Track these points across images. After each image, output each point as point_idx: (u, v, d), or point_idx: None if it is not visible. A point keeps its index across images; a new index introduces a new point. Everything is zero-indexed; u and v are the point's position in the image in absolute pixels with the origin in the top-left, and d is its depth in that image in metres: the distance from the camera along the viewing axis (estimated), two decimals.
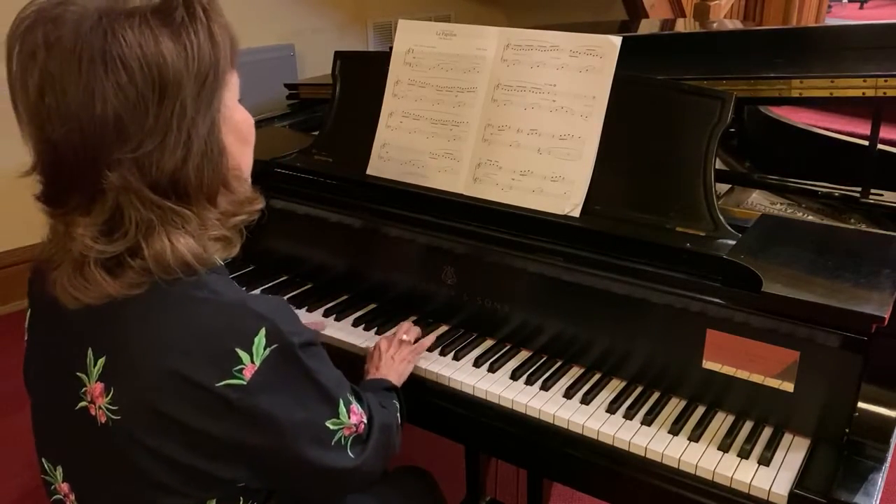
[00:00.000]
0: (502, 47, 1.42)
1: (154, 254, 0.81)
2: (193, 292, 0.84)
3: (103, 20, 0.79)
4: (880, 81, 1.38)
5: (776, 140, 1.97)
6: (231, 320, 0.84)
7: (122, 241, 0.81)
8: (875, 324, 1.02)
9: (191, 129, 0.82)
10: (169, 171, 0.82)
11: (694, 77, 1.46)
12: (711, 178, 1.24)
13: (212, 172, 0.86)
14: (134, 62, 0.78)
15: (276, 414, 0.85)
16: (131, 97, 0.79)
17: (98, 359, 0.85)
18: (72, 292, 0.83)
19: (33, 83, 0.80)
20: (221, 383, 0.82)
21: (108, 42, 0.78)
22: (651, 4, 3.45)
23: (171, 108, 0.81)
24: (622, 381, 1.27)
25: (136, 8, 0.80)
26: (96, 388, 0.85)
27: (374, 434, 1.00)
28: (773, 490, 1.04)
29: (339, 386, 0.95)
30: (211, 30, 0.84)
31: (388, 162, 1.50)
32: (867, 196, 1.47)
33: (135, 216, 0.81)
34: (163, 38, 0.80)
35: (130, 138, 0.80)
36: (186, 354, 0.82)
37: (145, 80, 0.79)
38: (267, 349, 0.83)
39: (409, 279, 1.47)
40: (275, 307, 0.87)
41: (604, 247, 1.25)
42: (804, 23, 4.05)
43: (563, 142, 1.34)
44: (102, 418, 0.85)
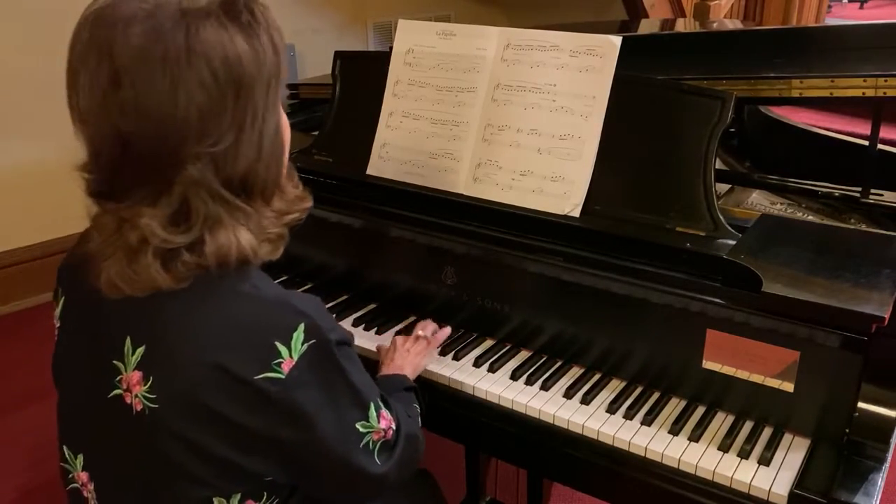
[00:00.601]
0: (502, 47, 1.42)
1: (217, 247, 0.83)
2: (236, 286, 0.85)
3: (184, 18, 0.80)
4: (880, 81, 1.38)
5: (776, 140, 1.97)
6: (271, 315, 0.85)
7: (188, 233, 0.83)
8: (875, 324, 1.02)
9: (262, 129, 0.85)
10: (242, 168, 0.85)
11: (694, 77, 1.46)
12: (711, 178, 1.24)
13: (276, 171, 0.89)
14: (216, 61, 0.80)
15: (310, 409, 0.86)
16: (213, 94, 0.81)
17: (137, 347, 0.86)
18: (118, 283, 0.84)
19: (104, 76, 0.79)
20: (260, 376, 0.83)
21: (190, 39, 0.79)
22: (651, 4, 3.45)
23: (245, 107, 0.83)
24: (622, 382, 1.27)
25: (207, 6, 0.82)
26: (133, 377, 0.86)
27: (400, 442, 0.99)
28: (773, 490, 1.04)
29: (370, 389, 0.95)
30: (270, 33, 0.87)
31: (388, 162, 1.50)
32: (867, 196, 1.47)
33: (203, 210, 0.83)
34: (237, 38, 0.82)
35: (210, 134, 0.81)
36: (227, 347, 0.83)
37: (226, 79, 0.81)
38: (305, 344, 0.85)
39: (409, 279, 1.47)
40: (314, 305, 0.89)
41: (604, 247, 1.25)
42: (804, 23, 4.05)
43: (564, 142, 1.34)
44: (138, 406, 0.86)
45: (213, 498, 0.87)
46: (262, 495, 0.90)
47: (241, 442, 0.85)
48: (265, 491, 0.90)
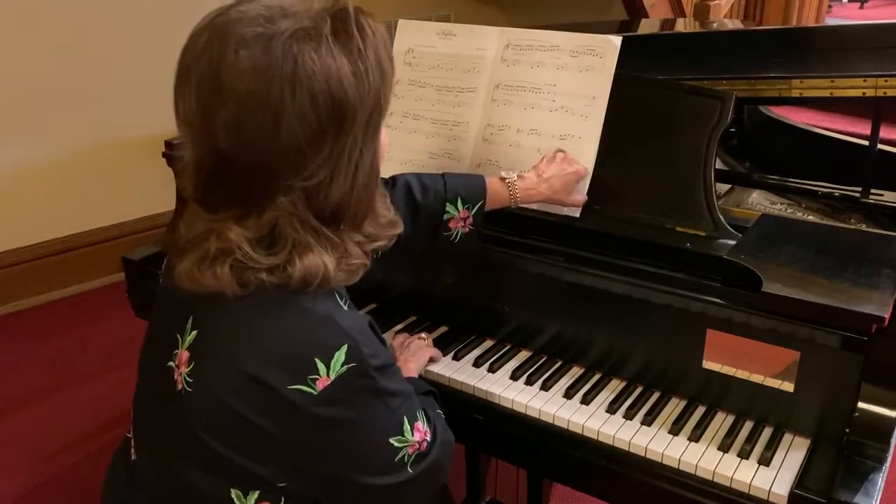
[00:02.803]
0: (502, 47, 1.42)
1: (305, 270, 0.83)
2: (292, 300, 0.85)
3: (295, 43, 0.79)
4: (880, 81, 1.38)
5: (776, 140, 1.97)
6: (317, 331, 0.85)
7: (276, 257, 0.84)
8: (875, 324, 1.02)
9: (359, 162, 0.85)
10: (335, 201, 0.85)
11: (694, 77, 1.46)
12: (711, 178, 1.24)
13: (368, 201, 0.89)
14: (320, 96, 0.80)
15: (339, 426, 0.87)
16: (314, 129, 0.81)
17: (193, 329, 0.88)
18: (186, 280, 0.85)
19: (211, 90, 0.80)
20: (293, 387, 0.83)
21: (298, 72, 0.79)
22: (651, 4, 3.45)
23: (345, 139, 0.83)
24: (622, 381, 1.27)
25: (317, 28, 0.81)
26: (183, 355, 0.88)
27: (434, 450, 0.99)
28: (774, 490, 1.04)
29: (405, 403, 0.94)
30: (378, 54, 0.85)
31: (388, 162, 1.50)
32: (867, 196, 1.47)
33: (292, 236, 0.84)
34: (343, 66, 0.81)
35: (306, 167, 0.82)
36: (268, 358, 0.83)
37: (328, 113, 0.81)
38: (344, 367, 0.84)
39: (409, 279, 1.47)
40: (360, 328, 0.88)
41: (604, 247, 1.25)
42: (804, 23, 4.05)
43: (563, 142, 1.34)
44: (179, 384, 0.88)
45: (230, 488, 0.88)
46: (279, 499, 0.90)
47: (258, 448, 0.86)
48: (282, 496, 0.90)
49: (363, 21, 0.85)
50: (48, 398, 2.41)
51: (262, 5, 0.82)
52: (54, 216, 3.04)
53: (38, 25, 2.85)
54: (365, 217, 0.91)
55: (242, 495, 0.88)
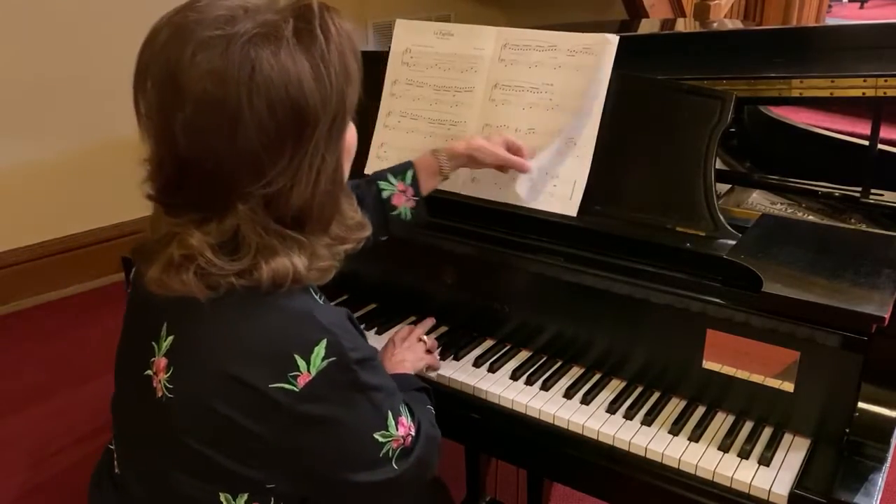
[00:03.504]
0: (500, 47, 1.42)
1: (273, 272, 0.82)
2: (267, 298, 0.84)
3: (251, 47, 0.77)
4: (880, 81, 1.38)
5: (776, 140, 1.97)
6: (294, 327, 0.84)
7: (240, 262, 0.82)
8: (875, 324, 1.02)
9: (320, 168, 0.84)
10: (296, 207, 0.83)
11: (694, 77, 1.46)
12: (711, 178, 1.24)
13: (332, 205, 0.88)
14: (278, 101, 0.78)
15: (322, 423, 0.86)
16: (271, 135, 0.79)
17: (169, 335, 0.87)
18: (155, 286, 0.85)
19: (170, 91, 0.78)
20: (274, 385, 0.82)
21: (255, 77, 0.77)
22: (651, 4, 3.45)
23: (307, 146, 0.81)
24: (622, 381, 1.27)
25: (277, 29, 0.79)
26: (161, 362, 0.87)
27: (419, 445, 0.98)
28: (774, 490, 1.04)
29: (389, 398, 0.94)
30: (343, 55, 0.84)
31: (387, 162, 1.50)
32: (867, 196, 1.46)
33: (255, 241, 0.82)
34: (304, 70, 0.79)
35: (265, 175, 0.80)
36: (246, 356, 0.83)
37: (287, 119, 0.79)
38: (325, 361, 0.84)
39: (409, 279, 1.47)
40: (339, 321, 0.88)
41: (604, 247, 1.25)
42: (804, 23, 4.05)
43: (561, 141, 1.34)
44: (159, 392, 0.87)
45: (219, 492, 0.88)
46: (268, 500, 0.90)
47: (244, 449, 0.85)
48: (272, 496, 0.90)
49: (328, 20, 0.83)
50: (48, 398, 2.40)
51: (224, 5, 0.80)
52: (54, 216, 3.03)
53: (39, 25, 2.85)
54: (331, 221, 0.89)
55: (231, 498, 0.88)
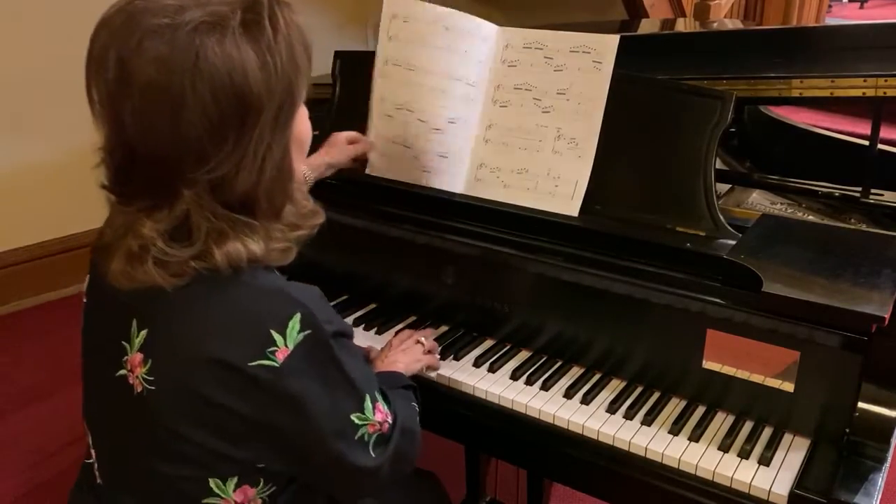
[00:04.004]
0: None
1: (226, 255, 0.83)
2: (236, 278, 0.85)
3: (197, 35, 0.79)
4: (880, 81, 1.38)
5: (776, 140, 1.97)
6: (268, 304, 0.85)
7: (192, 247, 0.83)
8: (875, 324, 1.02)
9: (266, 155, 0.84)
10: (241, 192, 0.84)
11: (694, 77, 1.46)
12: (711, 178, 1.24)
13: (281, 192, 0.88)
14: (222, 90, 0.79)
15: (303, 398, 0.86)
16: (215, 122, 0.80)
17: (141, 330, 0.88)
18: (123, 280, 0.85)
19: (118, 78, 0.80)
20: (254, 363, 0.83)
21: (200, 64, 0.78)
22: (651, 4, 3.44)
23: (250, 133, 0.82)
24: (622, 381, 1.27)
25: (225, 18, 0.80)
26: (136, 358, 0.88)
27: (395, 436, 0.99)
28: (774, 490, 1.04)
29: (367, 382, 0.95)
30: (292, 47, 0.85)
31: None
32: (867, 196, 1.46)
33: (205, 226, 0.83)
34: (250, 59, 0.81)
35: (208, 160, 0.81)
36: (223, 337, 0.83)
37: (230, 105, 0.80)
38: (301, 334, 0.85)
39: (409, 279, 1.46)
40: (311, 296, 0.89)
41: (604, 247, 1.25)
42: (804, 23, 4.05)
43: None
44: (139, 387, 0.87)
45: (208, 478, 0.88)
46: (257, 481, 0.91)
47: (232, 429, 0.86)
48: (261, 477, 0.91)
49: (278, 12, 0.84)
50: (48, 398, 2.40)
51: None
52: (54, 216, 3.03)
53: (39, 25, 2.85)
54: (281, 207, 0.90)
55: (221, 482, 0.88)
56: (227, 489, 0.89)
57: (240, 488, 0.90)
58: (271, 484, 0.92)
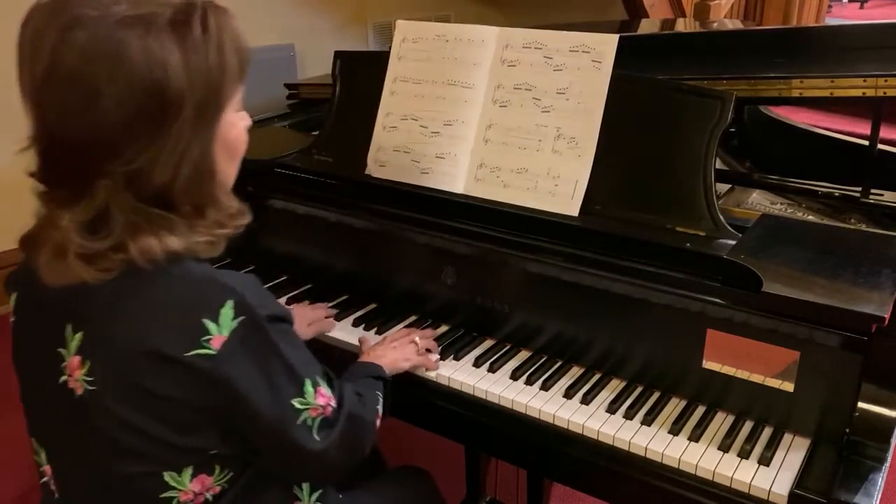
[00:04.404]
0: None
1: (140, 250, 0.84)
2: (166, 271, 0.86)
3: (123, 29, 0.79)
4: (880, 81, 1.38)
5: (776, 140, 1.97)
6: (199, 292, 0.86)
7: (107, 239, 0.84)
8: (875, 324, 1.02)
9: (184, 152, 0.85)
10: (156, 186, 0.85)
11: (694, 77, 1.46)
12: (711, 178, 1.24)
13: (199, 190, 0.88)
14: (140, 84, 0.80)
15: (242, 384, 0.87)
16: (131, 114, 0.81)
17: (76, 333, 0.88)
18: (50, 275, 0.86)
19: (43, 65, 0.81)
20: (191, 353, 0.84)
21: (120, 56, 0.79)
22: (651, 4, 3.45)
23: (167, 130, 0.83)
24: (622, 381, 1.27)
25: (154, 16, 0.81)
26: (74, 361, 0.88)
27: (341, 420, 0.98)
28: (774, 490, 1.04)
29: (306, 366, 0.95)
30: (222, 49, 0.86)
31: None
32: (867, 196, 1.47)
33: (122, 218, 0.84)
34: (173, 56, 0.81)
35: (124, 154, 0.82)
36: (157, 329, 0.84)
37: (148, 99, 0.81)
38: (235, 320, 0.85)
39: (409, 279, 1.47)
40: (243, 282, 0.89)
41: (604, 247, 1.25)
42: (804, 23, 4.05)
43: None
44: (80, 390, 0.88)
45: (162, 472, 0.89)
46: (212, 469, 0.91)
47: (178, 419, 0.87)
48: (216, 464, 0.91)
49: (210, 16, 0.85)
50: None
51: None
52: None
53: None
54: (202, 207, 0.90)
55: (177, 475, 0.89)
56: (184, 480, 0.89)
57: (196, 478, 0.90)
58: (227, 470, 0.93)
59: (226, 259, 1.67)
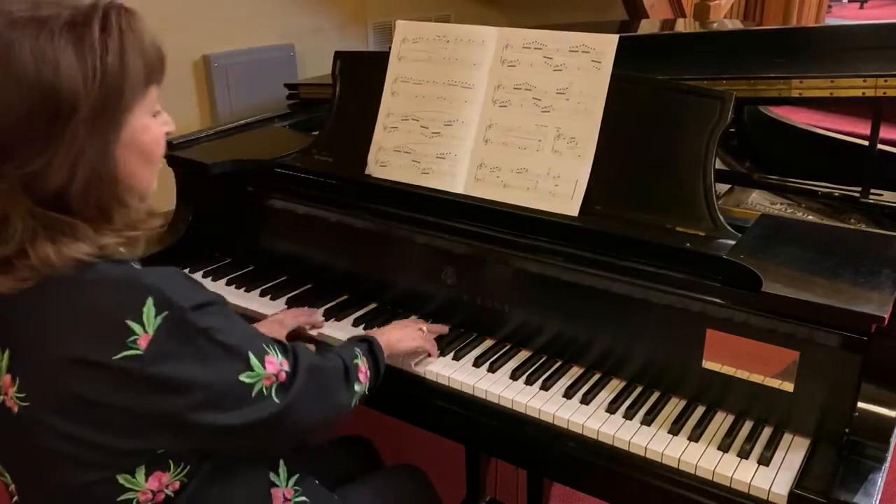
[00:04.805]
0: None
1: (38, 257, 0.82)
2: (82, 276, 0.84)
3: (13, 29, 0.79)
4: (880, 81, 1.38)
5: (776, 140, 1.97)
6: (117, 295, 0.84)
7: (9, 245, 0.82)
8: (875, 324, 1.02)
9: (79, 155, 0.82)
10: (52, 189, 0.82)
11: (694, 77, 1.46)
12: (711, 178, 1.24)
13: (99, 193, 0.86)
14: (29, 83, 0.79)
15: (180, 378, 0.85)
16: (22, 116, 0.79)
17: (3, 352, 0.87)
18: None
19: None
20: (119, 356, 0.82)
21: (9, 56, 0.78)
22: (651, 4, 3.44)
23: (61, 131, 0.81)
24: (622, 381, 1.27)
25: (49, 18, 0.80)
26: (6, 380, 0.87)
27: (299, 375, 0.97)
28: (773, 490, 1.04)
29: (247, 340, 0.93)
30: (123, 51, 0.84)
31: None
32: (867, 196, 1.47)
33: (20, 224, 0.82)
34: (66, 57, 0.80)
35: (17, 156, 0.80)
36: (81, 336, 0.83)
37: (39, 101, 0.79)
38: (158, 317, 0.83)
39: (409, 279, 1.47)
40: (162, 277, 0.87)
41: (604, 247, 1.25)
42: (804, 23, 4.05)
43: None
44: (14, 408, 0.87)
45: (115, 476, 0.87)
46: (167, 465, 0.90)
47: (119, 423, 0.85)
48: (169, 460, 0.90)
49: (113, 18, 0.84)
50: None
51: None
52: None
53: None
54: (106, 212, 0.87)
55: (130, 476, 0.88)
56: (139, 480, 0.88)
57: (151, 476, 0.89)
58: (183, 464, 0.91)
59: (226, 259, 1.68)
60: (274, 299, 1.55)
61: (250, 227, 1.66)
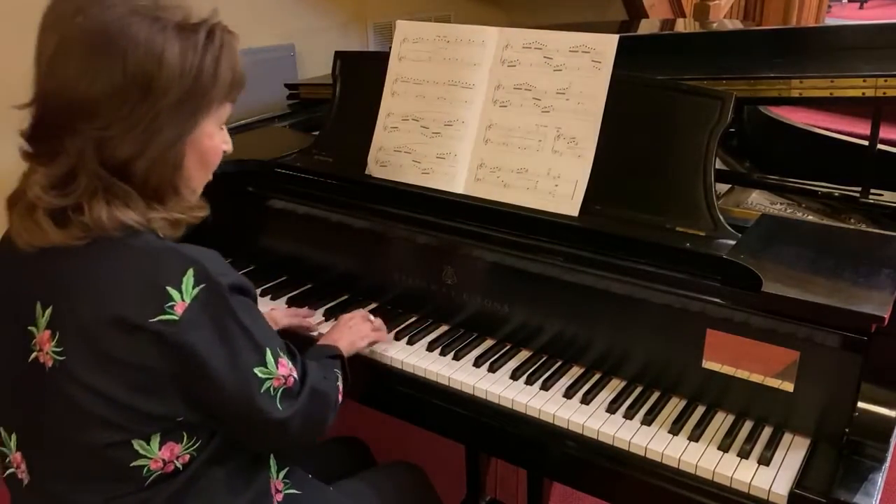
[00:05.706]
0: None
1: (92, 215, 0.89)
2: (129, 241, 0.91)
3: (132, 16, 0.88)
4: (880, 81, 1.38)
5: (776, 140, 1.97)
6: (161, 262, 0.90)
7: (68, 198, 0.89)
8: (875, 324, 1.02)
9: (154, 134, 0.90)
10: (121, 157, 0.90)
11: (694, 77, 1.46)
12: (711, 178, 1.25)
13: (160, 176, 0.93)
14: (134, 59, 0.87)
15: (204, 350, 0.90)
16: (118, 85, 0.87)
17: (45, 309, 0.91)
18: (22, 234, 0.91)
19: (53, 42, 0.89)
20: (155, 319, 0.87)
21: (122, 34, 0.87)
22: (651, 4, 3.44)
23: (147, 108, 0.89)
24: (622, 381, 1.27)
25: (165, 15, 0.90)
26: (44, 336, 0.91)
27: (304, 394, 1.02)
28: (773, 490, 1.04)
29: (267, 337, 0.98)
30: (219, 61, 0.93)
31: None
32: (867, 196, 1.47)
33: (84, 182, 0.89)
34: (171, 48, 0.89)
35: (100, 118, 0.88)
36: (122, 297, 0.88)
37: (135, 77, 0.87)
38: (196, 288, 0.89)
39: (409, 279, 1.47)
40: (204, 253, 0.93)
41: (604, 247, 1.25)
42: (804, 23, 4.05)
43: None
44: (49, 363, 0.90)
45: (131, 441, 0.91)
46: (180, 436, 0.94)
47: (143, 385, 0.89)
48: (183, 431, 0.94)
49: (218, 32, 0.94)
50: None
51: None
52: None
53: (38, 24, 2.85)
54: (162, 192, 0.95)
55: (145, 443, 0.91)
56: (152, 448, 0.92)
57: (164, 445, 0.93)
58: (196, 438, 0.95)
59: (227, 259, 1.68)
60: (274, 299, 1.55)
61: (251, 226, 1.66)
